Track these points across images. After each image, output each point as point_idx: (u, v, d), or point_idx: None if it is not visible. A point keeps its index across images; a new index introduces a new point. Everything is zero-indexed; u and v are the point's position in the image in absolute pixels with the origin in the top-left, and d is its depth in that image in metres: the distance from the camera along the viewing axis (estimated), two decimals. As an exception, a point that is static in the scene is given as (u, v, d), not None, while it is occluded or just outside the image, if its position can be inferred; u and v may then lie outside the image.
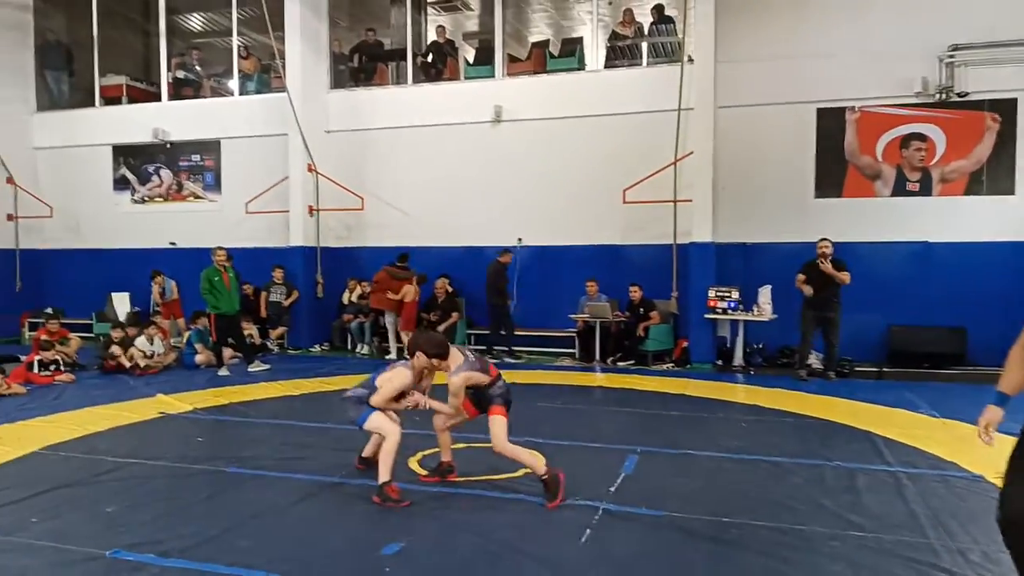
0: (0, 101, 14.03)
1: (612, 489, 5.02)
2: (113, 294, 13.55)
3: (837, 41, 10.62)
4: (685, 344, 10.84)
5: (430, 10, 14.95)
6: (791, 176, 10.93)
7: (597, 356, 10.85)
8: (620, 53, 12.50)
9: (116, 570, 3.78)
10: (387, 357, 11.52)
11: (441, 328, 11.18)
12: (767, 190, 11.00)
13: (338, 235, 13.19)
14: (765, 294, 10.33)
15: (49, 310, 12.37)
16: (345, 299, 12.66)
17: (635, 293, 10.85)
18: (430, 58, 13.33)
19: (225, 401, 8.22)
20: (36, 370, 9.42)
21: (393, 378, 4.98)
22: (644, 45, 12.43)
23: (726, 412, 7.67)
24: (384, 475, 4.78)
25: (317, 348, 12.64)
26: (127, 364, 10.06)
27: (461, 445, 6.17)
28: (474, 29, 16.11)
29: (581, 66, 12.48)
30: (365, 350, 12.18)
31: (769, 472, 5.48)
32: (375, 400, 4.93)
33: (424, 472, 5.43)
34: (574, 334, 11.34)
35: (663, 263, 11.34)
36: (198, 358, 10.66)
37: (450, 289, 11.90)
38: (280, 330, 12.52)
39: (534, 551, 4.01)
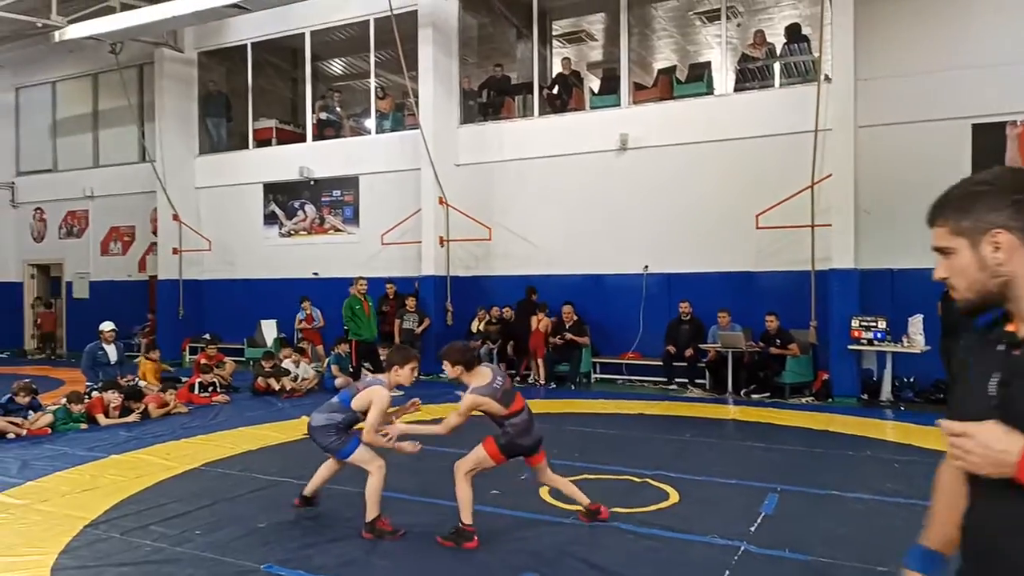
0: (169, 146, 15.57)
1: (752, 529, 4.79)
2: (262, 321, 14.56)
3: (994, 51, 9.82)
4: (826, 377, 10.24)
5: (555, 43, 15.24)
6: (943, 197, 10.14)
7: (730, 388, 10.46)
8: (750, 75, 12.18)
9: (270, 584, 4.01)
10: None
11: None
12: (916, 213, 10.17)
13: (467, 265, 13.56)
14: (916, 324, 9.60)
15: (207, 336, 13.43)
16: (473, 327, 12.94)
17: (771, 323, 10.39)
18: (555, 90, 13.54)
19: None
20: (197, 391, 10.26)
21: (374, 400, 4.73)
22: (776, 66, 12.04)
23: (875, 451, 7.15)
24: (373, 511, 4.69)
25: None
26: (276, 387, 10.75)
27: (591, 476, 6.12)
28: (598, 59, 16.25)
29: (709, 90, 12.25)
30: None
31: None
32: (366, 435, 4.70)
33: (555, 503, 5.40)
34: (704, 365, 11.01)
35: (800, 291, 10.81)
36: (337, 382, 11.20)
37: (575, 317, 11.90)
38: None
39: (671, 590, 3.89)
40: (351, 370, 10.96)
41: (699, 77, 12.47)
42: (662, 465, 6.38)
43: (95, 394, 8.97)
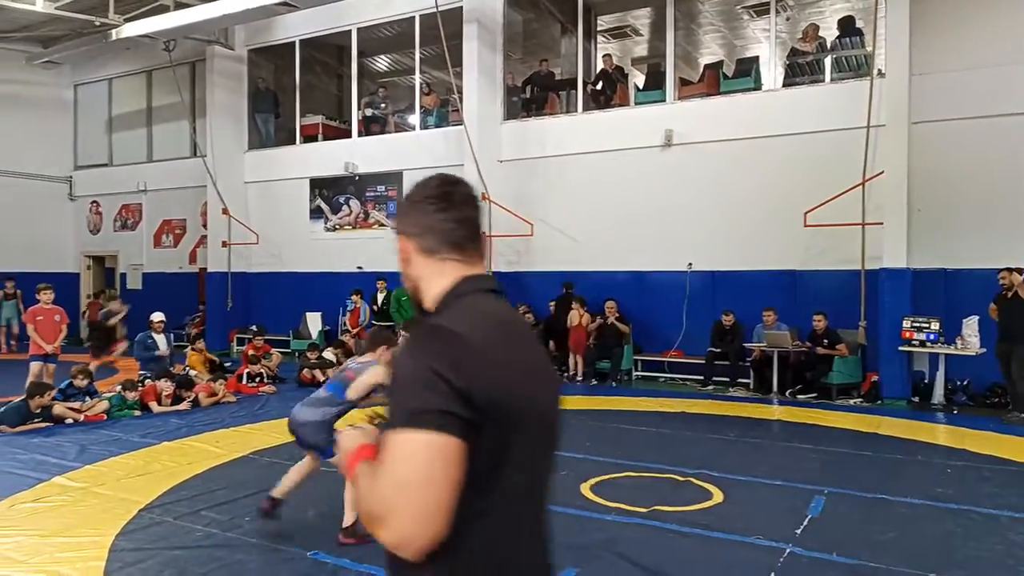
0: (219, 141, 15.93)
1: (798, 532, 4.72)
2: (307, 313, 14.82)
3: (1058, 44, 9.47)
4: (875, 378, 10.01)
5: (600, 38, 15.14)
6: (1001, 196, 9.81)
7: (775, 388, 10.30)
8: (800, 70, 11.94)
9: (317, 570, 4.10)
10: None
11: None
12: (972, 211, 9.96)
13: (508, 260, 13.58)
14: (971, 326, 9.31)
15: (254, 327, 13.72)
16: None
17: (819, 322, 10.19)
18: (600, 85, 13.48)
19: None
20: (245, 381, 10.50)
21: (376, 375, 4.47)
22: (827, 60, 11.79)
23: (926, 455, 6.98)
24: (351, 518, 4.41)
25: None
26: (321, 378, 10.93)
27: (632, 474, 6.10)
28: (643, 54, 16.11)
29: (757, 86, 12.05)
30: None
31: (983, 525, 4.91)
32: (353, 391, 4.48)
33: (597, 499, 5.39)
34: (748, 364, 10.85)
35: (849, 290, 10.58)
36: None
37: (618, 313, 11.83)
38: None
39: (715, 590, 3.86)
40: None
41: (747, 72, 12.26)
42: (705, 464, 6.32)
43: (148, 382, 9.26)
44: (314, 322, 14.67)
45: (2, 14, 15.67)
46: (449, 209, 1.49)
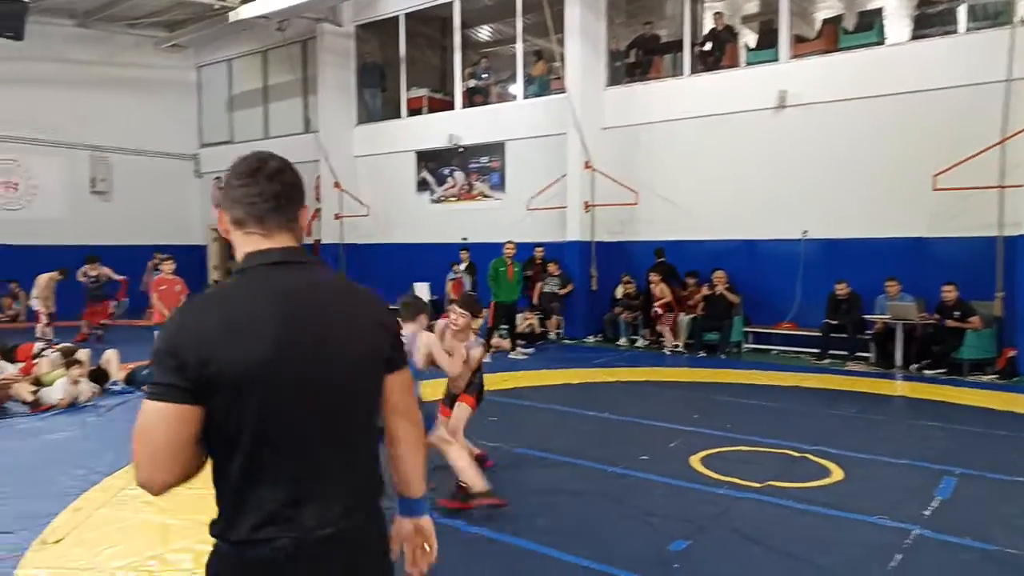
0: (330, 117, 16.50)
1: (926, 513, 4.49)
2: (415, 284, 15.22)
3: None
4: (1012, 353, 9.28)
5: (707, -4, 14.53)
6: None
7: (898, 362, 9.74)
8: (929, 21, 11.03)
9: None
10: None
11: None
12: None
13: (611, 230, 13.42)
14: None
15: (365, 297, 14.22)
16: (618, 293, 12.85)
17: (949, 293, 9.51)
18: (708, 47, 12.95)
19: (512, 385, 8.81)
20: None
21: (430, 346, 4.55)
22: (961, 9, 10.82)
23: (1071, 437, 6.45)
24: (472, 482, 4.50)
25: (591, 339, 13.01)
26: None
27: (745, 448, 5.96)
28: (754, 11, 15.32)
29: (881, 40, 11.23)
30: (625, 342, 12.41)
31: None
32: (452, 368, 4.66)
33: (707, 472, 5.31)
34: (869, 337, 10.31)
35: (983, 258, 9.81)
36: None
37: (728, 284, 11.48)
38: (555, 320, 13.13)
39: (834, 569, 3.74)
40: (487, 330, 11.19)
41: (869, 26, 11.45)
42: (822, 440, 6.09)
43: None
44: (422, 292, 15.04)
45: (132, 1, 16.76)
46: (253, 184, 1.60)
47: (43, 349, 8.61)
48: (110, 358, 8.65)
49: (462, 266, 13.73)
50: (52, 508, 4.55)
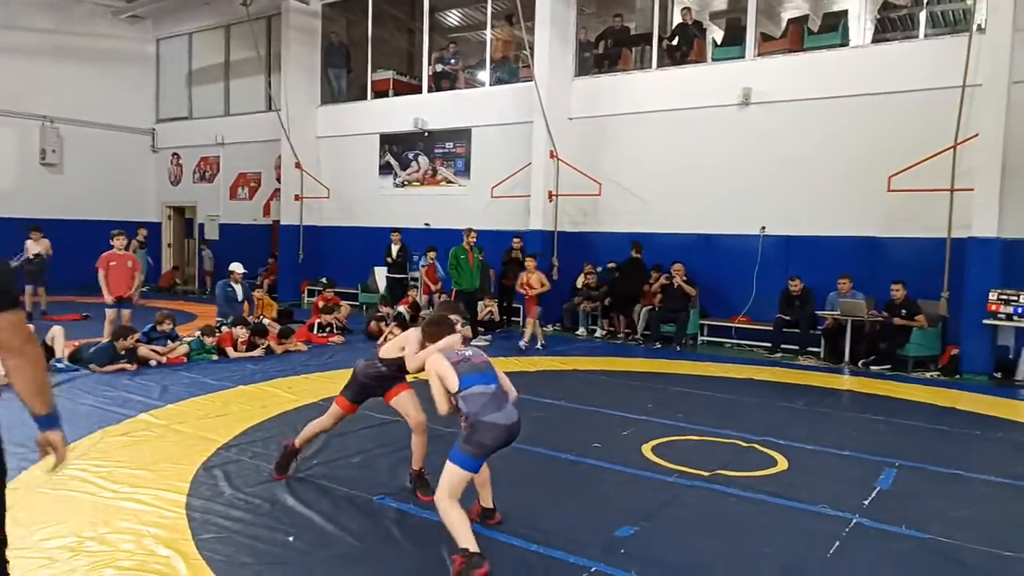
0: (293, 96, 16.19)
1: (865, 502, 4.61)
2: (375, 268, 15.09)
3: None
4: (955, 351, 9.59)
5: (677, -9, 14.60)
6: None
7: (847, 358, 9.98)
8: (891, 25, 11.26)
9: (381, 514, 4.23)
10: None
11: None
12: (1074, 178, 9.31)
13: (574, 220, 13.46)
14: (1064, 300, 8.79)
15: (324, 280, 14.05)
16: (579, 283, 12.91)
17: (897, 292, 9.78)
18: (676, 41, 13.03)
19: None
20: (315, 331, 10.82)
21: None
22: (922, 14, 11.07)
23: (1007, 432, 6.67)
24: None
25: (550, 328, 13.03)
26: (386, 332, 11.15)
27: (694, 438, 6.05)
28: (722, 8, 15.46)
29: (844, 42, 11.43)
30: (584, 332, 12.53)
31: (1066, 508, 4.69)
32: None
33: (659, 460, 5.37)
34: (819, 333, 10.54)
35: (932, 259, 10.10)
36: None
37: (685, 277, 11.62)
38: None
39: (776, 556, 3.82)
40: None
41: (833, 27, 11.65)
42: (771, 431, 6.22)
43: (225, 328, 9.64)
44: (381, 276, 14.93)
45: (90, -31, 16.22)
46: None
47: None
48: (55, 335, 8.41)
49: (394, 248, 13.55)
50: (-13, 485, 4.40)
